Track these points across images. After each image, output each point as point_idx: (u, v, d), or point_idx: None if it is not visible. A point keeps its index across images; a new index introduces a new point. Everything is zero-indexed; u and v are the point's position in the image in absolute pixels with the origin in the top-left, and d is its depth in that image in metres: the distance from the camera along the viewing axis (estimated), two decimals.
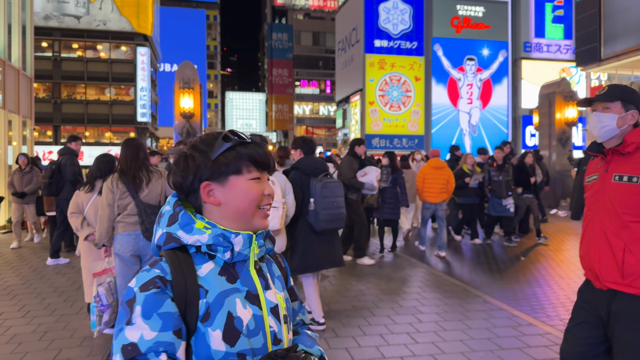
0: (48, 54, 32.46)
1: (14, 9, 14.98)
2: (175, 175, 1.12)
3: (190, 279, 1.03)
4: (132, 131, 34.58)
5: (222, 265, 1.08)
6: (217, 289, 1.05)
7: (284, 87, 56.20)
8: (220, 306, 1.03)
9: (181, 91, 13.76)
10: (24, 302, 5.26)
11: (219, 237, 1.07)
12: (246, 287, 1.08)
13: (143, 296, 0.99)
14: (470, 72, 33.79)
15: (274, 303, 1.12)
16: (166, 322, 0.97)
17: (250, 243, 1.11)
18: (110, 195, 3.80)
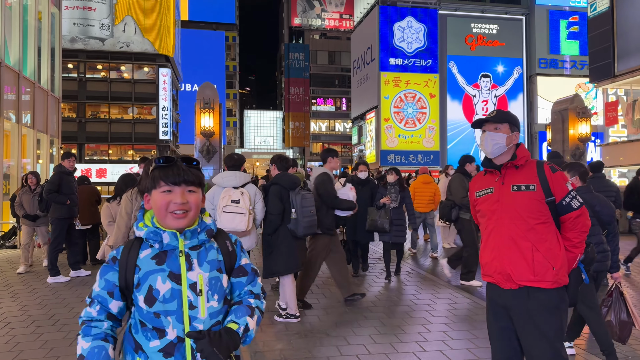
0: (74, 75, 33.64)
1: (44, 34, 15.76)
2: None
3: (131, 259, 1.53)
4: (154, 149, 35.43)
5: (157, 252, 1.53)
6: (146, 268, 1.51)
7: (301, 105, 56.92)
8: (145, 280, 1.49)
9: (202, 111, 14.29)
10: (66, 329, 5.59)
11: (150, 233, 1.53)
12: (169, 268, 1.51)
13: (103, 265, 1.57)
14: (485, 88, 33.96)
15: (193, 280, 1.51)
16: (106, 285, 1.53)
17: (176, 238, 1.52)
18: (129, 205, 4.42)
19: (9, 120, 12.75)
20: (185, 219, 1.53)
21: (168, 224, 1.53)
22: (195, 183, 1.56)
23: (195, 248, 1.56)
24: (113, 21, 34.33)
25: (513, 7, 35.10)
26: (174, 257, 1.52)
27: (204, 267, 1.54)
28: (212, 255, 1.58)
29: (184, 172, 1.54)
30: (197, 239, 1.55)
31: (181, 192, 1.52)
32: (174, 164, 1.55)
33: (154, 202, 1.54)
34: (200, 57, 52.26)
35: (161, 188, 1.52)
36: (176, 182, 1.52)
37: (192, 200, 1.54)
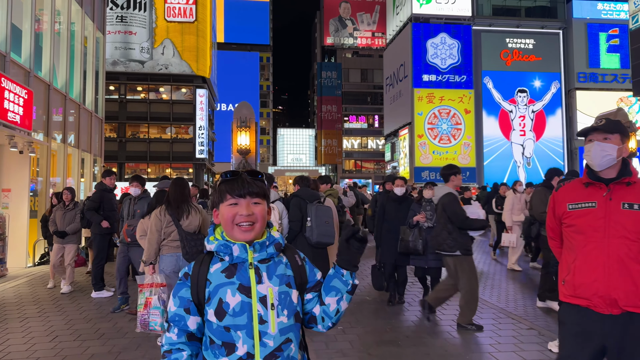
0: (115, 96, 34.90)
1: (89, 57, 16.45)
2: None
3: (202, 274, 1.56)
4: (190, 167, 36.22)
5: (227, 265, 1.55)
6: (216, 281, 1.53)
7: (333, 123, 57.23)
8: (215, 293, 1.51)
9: (238, 129, 14.56)
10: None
11: (220, 246, 1.56)
12: (239, 281, 1.52)
13: (177, 283, 1.59)
14: (522, 103, 33.34)
15: (263, 294, 1.51)
16: (181, 302, 1.56)
17: (246, 250, 1.55)
18: (158, 223, 4.74)
19: (55, 140, 13.30)
20: (252, 231, 1.55)
21: (236, 237, 1.55)
22: (260, 195, 1.58)
23: (265, 261, 1.57)
24: (152, 44, 35.57)
25: (549, 21, 34.53)
26: (243, 270, 1.54)
27: (273, 281, 1.54)
28: (281, 269, 1.58)
29: (249, 184, 1.57)
30: (265, 252, 1.57)
31: (246, 204, 1.55)
32: (238, 177, 1.61)
33: (222, 215, 1.58)
34: (235, 77, 53.45)
35: (227, 201, 1.57)
36: (241, 195, 1.56)
37: (258, 211, 1.56)
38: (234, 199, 1.56)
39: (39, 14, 12.54)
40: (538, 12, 35.12)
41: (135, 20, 35.39)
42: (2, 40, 10.23)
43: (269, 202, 1.64)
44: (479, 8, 34.08)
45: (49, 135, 12.65)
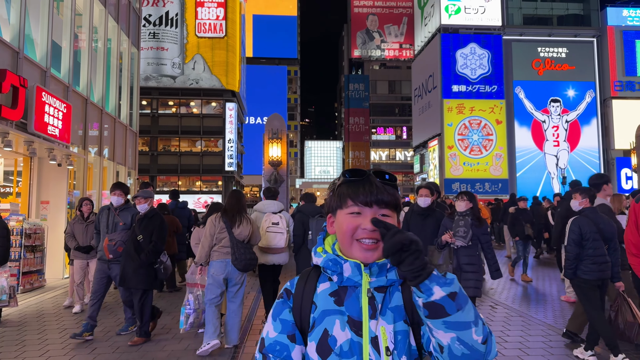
0: (147, 111, 35.68)
1: (124, 72, 16.83)
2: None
3: (307, 294, 1.23)
4: (220, 180, 36.60)
5: (336, 288, 1.21)
6: (323, 306, 1.20)
7: (361, 135, 57.11)
8: (320, 322, 1.18)
9: (270, 141, 14.59)
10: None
11: (328, 262, 1.22)
12: (349, 312, 1.17)
13: (275, 302, 1.26)
14: (555, 113, 32.58)
15: (375, 334, 1.16)
16: (284, 327, 1.20)
17: (360, 271, 1.19)
18: (212, 228, 5.07)
19: (91, 153, 13.58)
20: (375, 251, 1.19)
21: (353, 255, 1.21)
22: (390, 205, 1.23)
23: (381, 290, 1.21)
24: (184, 60, 36.32)
25: (583, 29, 33.78)
26: (354, 297, 1.19)
27: (387, 317, 1.17)
28: (397, 300, 1.21)
29: (378, 190, 1.22)
30: (385, 277, 1.19)
31: (372, 214, 1.20)
32: (365, 178, 1.25)
33: (339, 225, 1.24)
34: (264, 91, 54.07)
35: (348, 208, 1.22)
36: (367, 203, 1.21)
37: None
38: (357, 207, 1.21)
39: (78, 31, 12.91)
40: (570, 21, 34.43)
41: (167, 37, 36.27)
42: (43, 57, 10.54)
43: (399, 214, 1.28)
44: (509, 17, 33.64)
45: (86, 148, 12.92)
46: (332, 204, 1.27)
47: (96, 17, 13.94)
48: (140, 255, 5.32)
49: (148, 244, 5.38)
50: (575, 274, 4.65)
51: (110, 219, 5.76)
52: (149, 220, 5.45)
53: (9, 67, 8.96)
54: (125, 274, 5.35)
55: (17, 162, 11.04)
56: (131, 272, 5.32)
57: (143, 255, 5.32)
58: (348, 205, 1.22)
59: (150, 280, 5.44)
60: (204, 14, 36.75)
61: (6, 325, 6.29)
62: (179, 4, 36.62)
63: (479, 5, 33.15)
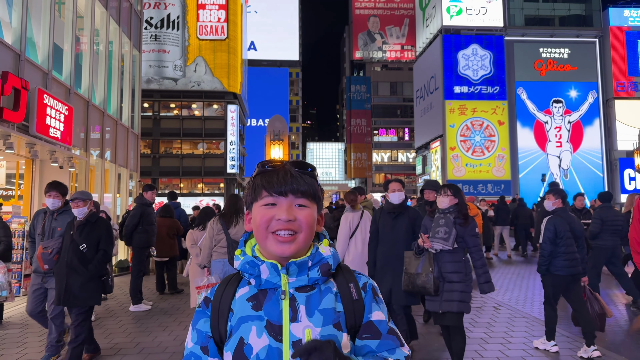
0: (149, 113, 35.70)
1: (126, 74, 16.85)
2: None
3: (225, 300, 1.15)
4: (222, 182, 36.58)
5: (255, 292, 1.13)
6: (240, 312, 1.11)
7: (363, 136, 57.11)
8: (236, 330, 1.09)
9: (272, 143, 14.59)
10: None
11: (245, 264, 1.13)
12: (267, 317, 1.09)
13: (195, 311, 1.20)
14: (557, 114, 32.52)
15: (298, 337, 1.06)
16: (199, 337, 1.15)
17: (277, 272, 1.10)
18: (211, 231, 5.40)
19: (93, 156, 13.58)
20: (292, 243, 1.11)
21: (269, 249, 1.12)
22: (308, 194, 1.14)
23: (304, 289, 1.12)
24: (185, 62, 36.35)
25: (585, 29, 33.71)
26: (274, 300, 1.10)
27: (314, 319, 1.08)
28: (328, 302, 1.11)
29: (293, 178, 1.14)
30: (306, 276, 1.11)
31: (288, 205, 1.12)
32: (280, 168, 1.16)
33: (254, 218, 1.16)
34: (266, 93, 54.10)
35: (263, 199, 1.14)
36: (282, 192, 1.12)
37: (303, 217, 1.12)
38: (271, 197, 1.13)
39: (79, 34, 12.91)
40: (573, 21, 34.37)
41: (168, 39, 36.31)
42: (44, 59, 10.54)
43: (320, 206, 1.20)
44: (510, 18, 33.60)
45: (88, 150, 12.92)
46: (248, 199, 1.19)
47: (98, 19, 13.95)
48: (88, 266, 4.53)
49: (95, 253, 4.61)
50: (548, 270, 4.97)
51: (46, 224, 5.08)
52: (92, 227, 4.65)
53: (11, 70, 8.96)
54: (71, 291, 4.46)
55: (19, 165, 11.04)
56: (78, 288, 4.46)
57: (91, 266, 4.54)
58: (262, 197, 1.14)
59: (99, 296, 4.66)
60: (205, 16, 36.79)
61: (8, 327, 6.28)
62: (181, 6, 36.69)
63: (481, 6, 33.12)
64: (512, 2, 33.73)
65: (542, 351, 5.01)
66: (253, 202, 1.17)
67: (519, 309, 7.09)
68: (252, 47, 55.40)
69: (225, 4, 36.97)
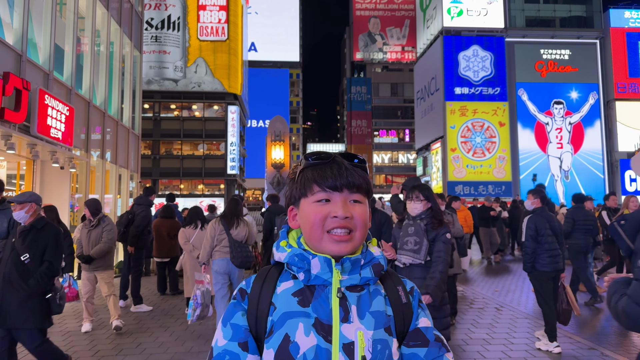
0: (149, 114, 35.71)
1: (127, 75, 16.85)
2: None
3: (265, 294, 1.06)
4: (222, 183, 36.56)
5: (302, 287, 1.05)
6: (284, 307, 1.03)
7: (363, 137, 57.10)
8: (280, 326, 1.01)
9: (273, 143, 14.58)
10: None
11: (294, 257, 1.06)
12: (316, 314, 1.01)
13: (228, 305, 1.09)
14: (558, 115, 32.50)
15: (350, 339, 0.99)
16: (235, 333, 1.03)
17: (330, 268, 1.04)
18: (212, 231, 5.66)
19: (94, 157, 13.57)
20: (349, 242, 1.04)
21: (325, 249, 1.05)
22: (362, 189, 1.07)
23: (355, 289, 1.05)
24: (186, 63, 36.37)
25: (586, 31, 33.71)
26: (323, 297, 1.03)
27: (366, 321, 1.02)
28: (378, 304, 1.05)
29: (348, 172, 1.06)
30: (358, 274, 1.05)
31: (343, 201, 1.05)
32: (332, 160, 1.09)
33: (304, 216, 1.07)
34: (266, 94, 54.11)
35: (314, 195, 1.06)
36: (337, 187, 1.05)
37: (358, 214, 1.06)
38: (325, 193, 1.05)
39: (80, 35, 12.91)
40: (573, 22, 34.38)
41: (169, 40, 36.33)
42: (45, 60, 10.54)
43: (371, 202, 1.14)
44: (511, 19, 33.61)
45: (88, 151, 12.91)
46: (294, 194, 1.11)
47: (99, 20, 13.96)
48: (29, 281, 3.78)
49: (38, 265, 3.83)
50: (534, 268, 5.15)
51: None
52: (37, 233, 3.90)
53: (12, 70, 8.95)
54: (6, 309, 3.72)
55: (20, 165, 11.03)
56: (15, 305, 3.73)
57: (32, 280, 3.78)
58: (314, 192, 1.06)
59: (43, 316, 3.85)
60: (206, 17, 36.82)
61: None
62: (181, 7, 36.72)
63: (481, 8, 33.13)
64: (512, 4, 33.74)
65: (545, 352, 4.99)
66: (301, 198, 1.09)
67: (521, 310, 7.07)
68: (253, 48, 55.43)
69: (225, 5, 37.00)
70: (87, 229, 6.18)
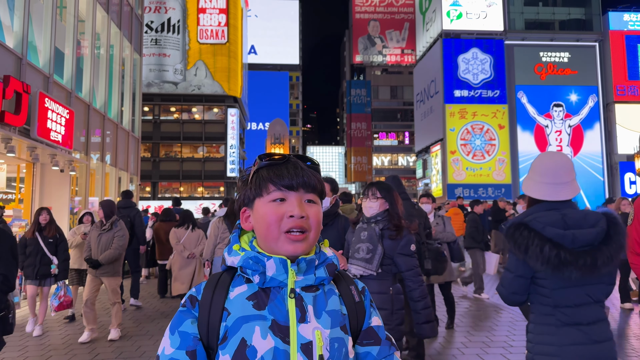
0: (149, 117, 35.77)
1: (127, 78, 16.87)
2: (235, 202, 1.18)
3: (217, 300, 1.03)
4: (222, 186, 36.59)
5: (256, 290, 1.03)
6: (238, 312, 1.01)
7: (363, 140, 57.14)
8: (236, 331, 0.99)
9: (272, 146, 14.59)
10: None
11: (249, 260, 1.04)
12: (272, 317, 1.00)
13: (176, 313, 1.07)
14: (558, 118, 32.54)
15: (307, 339, 0.99)
16: (183, 341, 1.00)
17: (285, 269, 1.02)
18: (216, 230, 6.03)
19: (93, 159, 13.58)
20: (303, 242, 1.04)
21: (281, 249, 1.04)
22: (317, 189, 1.08)
23: (310, 289, 1.06)
24: (186, 66, 36.45)
25: (585, 33, 33.78)
26: (279, 299, 1.03)
27: (322, 320, 1.03)
28: (333, 303, 1.06)
29: (304, 172, 1.07)
30: (313, 274, 1.05)
31: (299, 200, 1.05)
32: (287, 160, 1.09)
33: (260, 216, 1.06)
34: (266, 96, 54.22)
35: (270, 195, 1.05)
36: (292, 186, 1.05)
37: (313, 214, 1.06)
38: (280, 192, 1.05)
39: (80, 38, 12.94)
40: (573, 25, 34.46)
41: (169, 43, 36.42)
42: (45, 63, 10.56)
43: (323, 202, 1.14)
44: (511, 22, 33.69)
45: (88, 154, 12.92)
46: (248, 194, 1.09)
47: (99, 23, 13.98)
48: None
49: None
50: None
51: None
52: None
53: (12, 73, 8.96)
54: None
55: (20, 168, 11.04)
56: None
57: None
58: (270, 191, 1.05)
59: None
60: (205, 20, 36.92)
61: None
62: (181, 10, 36.81)
63: (481, 11, 33.22)
64: (512, 6, 33.82)
65: None
66: (256, 198, 1.07)
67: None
68: (253, 51, 55.53)
69: (225, 8, 37.10)
70: (98, 232, 5.86)
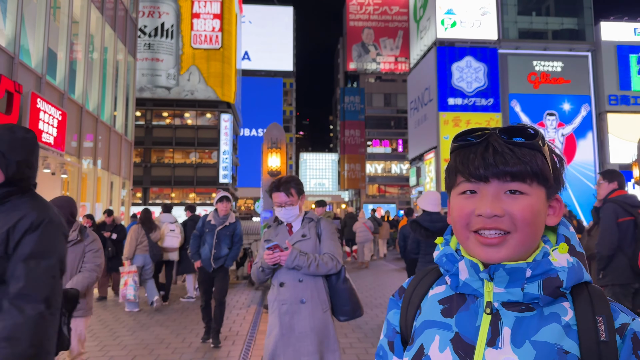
0: (141, 122, 35.41)
1: (120, 81, 16.64)
2: None
3: (416, 295, 0.93)
4: (214, 192, 36.24)
5: (452, 294, 0.88)
6: (427, 314, 0.89)
7: (356, 147, 57.07)
8: (419, 334, 0.88)
9: (269, 151, 14.30)
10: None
11: (442, 258, 0.89)
12: (458, 329, 0.83)
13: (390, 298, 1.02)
14: (551, 127, 32.68)
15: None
16: (387, 329, 0.98)
17: (479, 276, 0.83)
18: (136, 234, 7.03)
19: (85, 163, 13.29)
20: (501, 247, 0.81)
21: (473, 253, 0.84)
22: (524, 176, 0.81)
23: (516, 307, 0.81)
24: (179, 71, 36.21)
25: (577, 43, 34.06)
26: (473, 310, 0.84)
27: (522, 352, 0.77)
28: (550, 333, 0.77)
29: (498, 156, 0.81)
30: (520, 289, 0.80)
31: (493, 194, 0.81)
32: (483, 140, 0.83)
33: (450, 210, 0.89)
34: (259, 102, 54.03)
35: (458, 187, 0.86)
36: (483, 176, 0.81)
37: (517, 210, 0.80)
38: (469, 184, 0.84)
39: (74, 39, 12.70)
40: (565, 35, 34.74)
41: (162, 48, 36.17)
42: (38, 63, 10.31)
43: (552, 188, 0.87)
44: (504, 31, 33.87)
45: (80, 157, 12.65)
46: (447, 182, 0.92)
47: (93, 25, 13.76)
48: None
49: None
50: None
51: None
52: None
53: (4, 72, 8.72)
54: None
55: None
56: None
57: None
58: (458, 183, 0.86)
59: None
60: (199, 25, 36.75)
61: None
62: (175, 15, 36.62)
63: (475, 19, 33.38)
64: (506, 16, 34.03)
65: None
66: (451, 189, 0.89)
67: None
68: (246, 57, 55.42)
69: (219, 13, 36.97)
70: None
